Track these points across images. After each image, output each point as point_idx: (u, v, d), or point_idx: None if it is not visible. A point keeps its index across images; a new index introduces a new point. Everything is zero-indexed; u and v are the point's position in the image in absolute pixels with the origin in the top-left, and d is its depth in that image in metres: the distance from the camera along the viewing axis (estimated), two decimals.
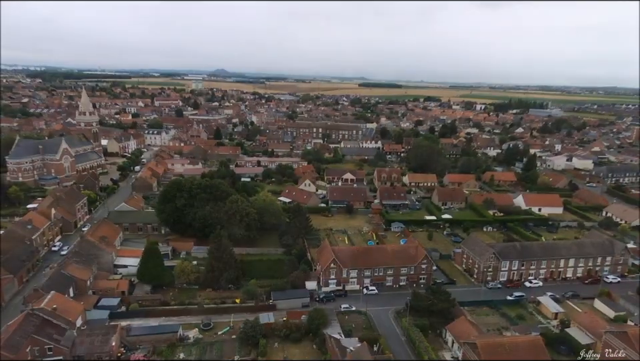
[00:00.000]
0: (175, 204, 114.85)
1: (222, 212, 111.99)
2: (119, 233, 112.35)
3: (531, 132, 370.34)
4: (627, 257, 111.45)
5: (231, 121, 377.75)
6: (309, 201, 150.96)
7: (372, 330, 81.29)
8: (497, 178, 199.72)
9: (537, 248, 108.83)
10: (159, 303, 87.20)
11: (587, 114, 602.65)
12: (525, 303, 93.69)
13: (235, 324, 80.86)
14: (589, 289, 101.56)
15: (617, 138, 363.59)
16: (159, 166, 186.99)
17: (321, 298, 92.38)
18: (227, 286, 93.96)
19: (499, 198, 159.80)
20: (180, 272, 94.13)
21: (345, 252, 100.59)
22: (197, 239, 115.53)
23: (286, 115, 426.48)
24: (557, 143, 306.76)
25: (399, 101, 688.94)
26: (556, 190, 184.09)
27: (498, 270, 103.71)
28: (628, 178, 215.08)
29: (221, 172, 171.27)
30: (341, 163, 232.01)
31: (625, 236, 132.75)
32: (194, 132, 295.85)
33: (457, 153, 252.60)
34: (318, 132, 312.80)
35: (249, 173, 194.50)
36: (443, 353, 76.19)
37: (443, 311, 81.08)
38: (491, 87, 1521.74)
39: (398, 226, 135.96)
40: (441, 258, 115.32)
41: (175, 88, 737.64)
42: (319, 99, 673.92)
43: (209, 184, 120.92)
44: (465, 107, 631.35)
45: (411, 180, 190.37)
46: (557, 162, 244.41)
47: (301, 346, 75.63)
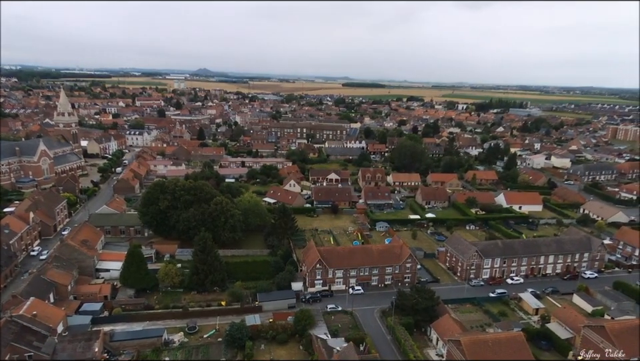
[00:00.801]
0: (158, 206, 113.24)
1: (206, 214, 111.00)
2: (100, 236, 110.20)
3: (511, 132, 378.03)
4: (603, 253, 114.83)
5: (215, 121, 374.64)
6: (294, 201, 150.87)
7: (358, 329, 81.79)
8: (479, 177, 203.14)
9: (518, 245, 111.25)
10: (143, 307, 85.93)
11: (565, 113, 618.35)
12: (507, 299, 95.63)
13: (220, 327, 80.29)
14: (567, 285, 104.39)
15: (593, 137, 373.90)
16: (141, 168, 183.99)
17: (307, 299, 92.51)
18: (212, 288, 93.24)
19: (481, 197, 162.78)
20: (164, 275, 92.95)
21: (330, 252, 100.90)
22: (181, 241, 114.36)
23: (270, 115, 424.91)
24: (536, 142, 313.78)
25: (383, 101, 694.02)
26: (536, 188, 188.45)
27: (480, 268, 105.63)
28: (604, 175, 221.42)
29: (205, 173, 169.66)
30: (325, 163, 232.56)
31: (601, 233, 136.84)
32: (177, 132, 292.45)
33: (440, 152, 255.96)
34: (302, 133, 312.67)
35: (233, 174, 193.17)
36: (428, 351, 77.28)
37: (427, 309, 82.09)
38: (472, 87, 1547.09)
39: (383, 225, 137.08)
40: (425, 256, 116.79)
41: (157, 88, 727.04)
42: (303, 99, 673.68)
43: (192, 186, 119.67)
44: (447, 107, 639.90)
45: (395, 180, 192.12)
46: (537, 161, 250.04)
47: (288, 347, 75.66)
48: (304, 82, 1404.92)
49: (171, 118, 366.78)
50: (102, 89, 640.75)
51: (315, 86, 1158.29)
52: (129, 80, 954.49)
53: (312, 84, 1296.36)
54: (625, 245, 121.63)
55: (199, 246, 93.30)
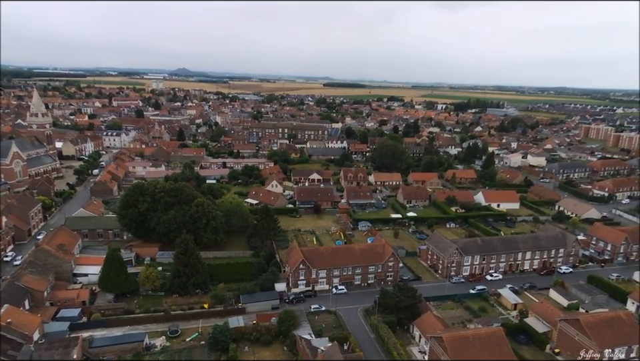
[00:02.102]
0: (138, 208, 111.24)
1: (187, 216, 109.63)
2: (77, 240, 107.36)
3: (489, 131, 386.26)
4: (578, 248, 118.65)
5: (195, 122, 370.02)
6: (276, 202, 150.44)
7: (342, 329, 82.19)
8: (458, 176, 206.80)
9: (497, 242, 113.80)
10: (123, 312, 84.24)
11: (540, 113, 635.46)
12: (487, 296, 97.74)
13: (203, 330, 79.50)
14: (544, 280, 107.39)
15: (567, 136, 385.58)
16: (119, 169, 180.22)
17: (290, 300, 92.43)
18: (195, 291, 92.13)
19: (461, 195, 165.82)
20: (144, 278, 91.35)
21: (313, 252, 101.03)
22: (161, 244, 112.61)
23: (251, 115, 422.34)
24: (513, 141, 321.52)
25: (364, 101, 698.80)
26: (513, 186, 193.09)
27: (461, 265, 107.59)
28: (577, 173, 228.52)
29: (185, 175, 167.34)
30: (307, 163, 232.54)
31: (575, 229, 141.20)
32: (156, 133, 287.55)
33: (420, 152, 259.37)
34: (284, 133, 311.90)
35: (215, 175, 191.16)
36: (411, 348, 78.30)
37: (409, 307, 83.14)
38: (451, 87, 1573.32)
39: (365, 225, 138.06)
40: (407, 255, 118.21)
41: (135, 88, 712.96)
42: (284, 99, 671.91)
43: (173, 187, 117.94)
44: (426, 107, 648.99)
45: (377, 180, 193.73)
46: (513, 160, 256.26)
47: (272, 349, 75.47)
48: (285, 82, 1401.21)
49: (150, 118, 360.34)
50: (77, 89, 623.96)
51: (296, 86, 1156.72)
52: (105, 80, 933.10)
53: (293, 84, 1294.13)
54: (597, 240, 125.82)
55: (180, 249, 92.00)
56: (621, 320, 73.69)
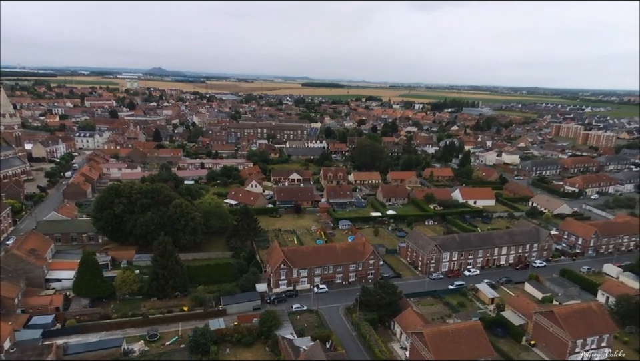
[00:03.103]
0: (113, 210, 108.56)
1: (165, 218, 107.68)
2: (50, 245, 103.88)
3: (465, 130, 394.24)
4: (550, 243, 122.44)
5: (171, 122, 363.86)
6: (256, 202, 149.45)
7: (324, 327, 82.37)
8: (436, 174, 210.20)
9: (474, 238, 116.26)
10: (99, 317, 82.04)
11: (513, 112, 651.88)
12: (465, 291, 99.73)
13: (183, 333, 78.26)
14: (519, 274, 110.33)
15: (539, 135, 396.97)
16: (93, 171, 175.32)
17: (272, 300, 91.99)
18: (174, 293, 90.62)
19: (439, 193, 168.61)
20: (121, 282, 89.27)
21: (294, 252, 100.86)
22: (138, 247, 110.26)
23: (229, 115, 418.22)
24: (488, 140, 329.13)
25: (342, 101, 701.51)
26: (488, 183, 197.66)
27: (440, 262, 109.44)
28: (549, 170, 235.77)
29: (162, 176, 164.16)
30: (286, 163, 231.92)
31: (548, 224, 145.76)
32: (131, 133, 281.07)
33: (399, 151, 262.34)
34: (263, 133, 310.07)
35: (193, 176, 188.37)
36: (392, 344, 79.20)
37: (390, 304, 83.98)
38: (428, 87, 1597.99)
39: (345, 223, 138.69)
40: (387, 253, 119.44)
41: (108, 88, 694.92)
42: (263, 99, 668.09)
43: (150, 189, 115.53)
44: (404, 106, 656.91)
45: (356, 179, 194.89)
46: (489, 158, 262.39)
47: (254, 350, 74.96)
48: (263, 81, 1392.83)
49: (124, 119, 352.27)
50: (47, 89, 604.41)
51: (274, 85, 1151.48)
52: (77, 80, 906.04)
53: (271, 83, 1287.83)
54: (569, 235, 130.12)
55: (158, 251, 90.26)
56: (592, 310, 76.44)
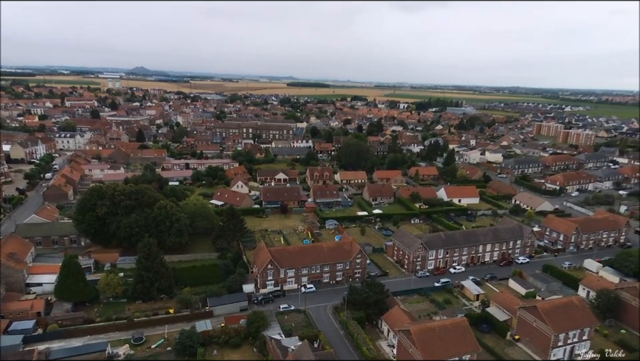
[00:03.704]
0: (96, 212, 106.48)
1: (150, 219, 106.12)
2: (30, 248, 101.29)
3: (449, 129, 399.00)
4: (533, 239, 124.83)
5: (155, 122, 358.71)
6: (242, 203, 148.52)
7: (311, 327, 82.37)
8: (421, 173, 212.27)
9: (459, 236, 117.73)
10: (82, 321, 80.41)
11: (495, 111, 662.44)
12: (451, 288, 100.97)
13: (169, 336, 77.27)
14: (503, 270, 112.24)
15: (521, 133, 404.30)
16: (74, 173, 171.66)
17: (259, 300, 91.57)
18: (159, 296, 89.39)
19: (424, 192, 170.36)
20: (105, 285, 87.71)
21: (281, 252, 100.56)
22: (122, 249, 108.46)
23: (214, 115, 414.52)
24: (472, 139, 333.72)
25: (328, 100, 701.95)
26: (472, 182, 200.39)
27: (426, 259, 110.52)
28: (531, 168, 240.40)
29: (146, 177, 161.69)
30: (272, 163, 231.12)
31: (530, 221, 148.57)
32: (113, 134, 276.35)
33: (384, 150, 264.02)
34: (248, 133, 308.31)
35: (177, 177, 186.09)
36: (380, 342, 79.66)
37: (377, 302, 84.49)
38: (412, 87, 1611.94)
39: (332, 223, 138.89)
40: (374, 251, 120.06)
41: (89, 87, 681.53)
42: (248, 99, 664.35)
43: (133, 190, 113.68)
44: (389, 106, 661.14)
45: (343, 178, 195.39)
46: (472, 156, 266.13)
47: (241, 351, 74.49)
48: (248, 81, 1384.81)
49: (106, 119, 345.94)
50: (25, 89, 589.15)
51: (260, 85, 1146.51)
52: (56, 79, 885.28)
53: (256, 83, 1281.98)
54: (551, 231, 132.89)
55: (143, 253, 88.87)
56: (573, 305, 78.23)
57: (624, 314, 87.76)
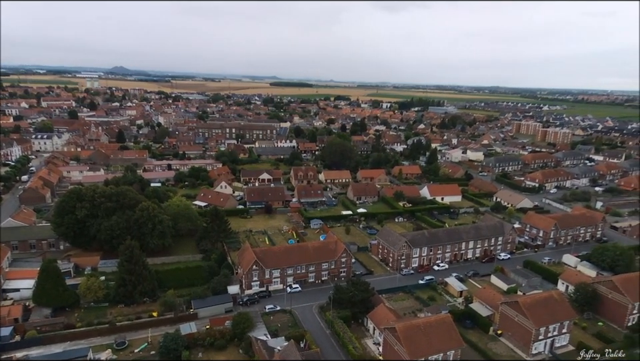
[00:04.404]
0: (75, 215, 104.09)
1: (131, 221, 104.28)
2: (6, 253, 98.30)
3: (431, 128, 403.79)
4: (514, 236, 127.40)
5: (135, 123, 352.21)
6: (225, 203, 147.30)
7: (297, 327, 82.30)
8: (405, 172, 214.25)
9: (442, 233, 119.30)
10: (62, 327, 78.46)
11: (476, 111, 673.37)
12: (435, 285, 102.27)
13: (153, 339, 76.14)
14: (486, 267, 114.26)
15: (501, 132, 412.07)
16: (52, 175, 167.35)
17: (244, 301, 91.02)
18: (142, 299, 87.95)
19: (408, 190, 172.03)
20: (86, 289, 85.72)
21: (266, 252, 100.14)
22: (103, 252, 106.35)
23: (196, 115, 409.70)
24: (454, 137, 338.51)
25: (311, 100, 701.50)
26: (455, 180, 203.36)
27: (410, 257, 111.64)
28: (511, 166, 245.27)
29: (128, 178, 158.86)
30: (256, 163, 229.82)
31: (511, 218, 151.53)
32: (92, 135, 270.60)
33: (368, 150, 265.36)
34: (231, 133, 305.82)
35: (159, 178, 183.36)
36: (366, 340, 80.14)
37: (363, 301, 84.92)
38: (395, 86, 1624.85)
39: (317, 222, 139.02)
40: (358, 250, 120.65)
41: (66, 87, 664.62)
42: (231, 98, 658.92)
43: (114, 192, 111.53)
44: (372, 106, 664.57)
45: (327, 178, 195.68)
46: (454, 155, 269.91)
47: (227, 353, 73.92)
48: (230, 81, 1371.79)
49: (85, 120, 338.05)
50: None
51: (242, 85, 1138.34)
52: (32, 79, 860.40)
53: (239, 83, 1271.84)
54: (531, 228, 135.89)
55: (124, 256, 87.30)
56: (553, 299, 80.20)
57: (601, 306, 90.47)
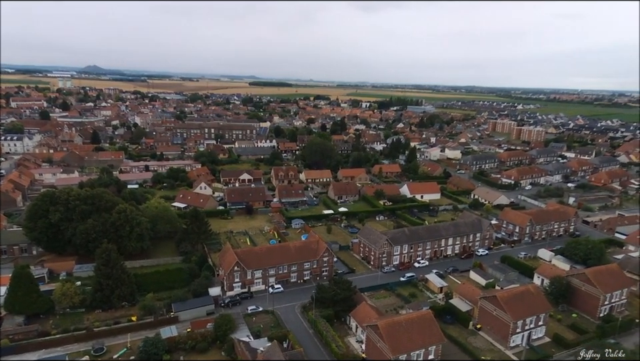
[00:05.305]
0: (49, 219, 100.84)
1: (108, 224, 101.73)
2: None
3: (410, 127, 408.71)
4: (491, 232, 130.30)
5: (111, 123, 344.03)
6: (205, 204, 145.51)
7: (280, 327, 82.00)
8: (385, 171, 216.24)
9: (422, 231, 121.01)
10: (37, 334, 75.94)
11: (453, 110, 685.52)
12: (416, 282, 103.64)
13: (133, 344, 74.46)
14: (465, 263, 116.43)
15: (478, 131, 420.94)
16: (23, 177, 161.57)
17: (226, 303, 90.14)
18: (120, 304, 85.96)
19: (388, 189, 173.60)
20: (61, 295, 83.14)
21: (248, 253, 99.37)
22: (79, 257, 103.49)
23: (174, 116, 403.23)
24: (432, 136, 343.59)
25: (291, 100, 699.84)
26: (434, 178, 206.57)
27: (391, 255, 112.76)
28: (488, 164, 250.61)
29: (103, 180, 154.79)
30: (236, 164, 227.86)
31: (489, 215, 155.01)
32: (65, 136, 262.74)
33: (348, 149, 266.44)
34: (210, 133, 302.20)
35: (137, 179, 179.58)
36: (349, 339, 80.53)
37: (345, 299, 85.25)
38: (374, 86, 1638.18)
39: (298, 222, 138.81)
40: (340, 249, 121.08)
41: (37, 87, 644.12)
42: (209, 98, 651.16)
43: (90, 194, 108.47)
44: (352, 105, 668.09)
45: (308, 177, 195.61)
46: (433, 153, 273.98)
47: (209, 355, 73.02)
48: (208, 80, 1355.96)
49: (57, 120, 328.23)
50: None
51: (221, 85, 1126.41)
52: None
53: (217, 82, 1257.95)
54: (507, 224, 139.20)
55: (101, 260, 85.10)
56: (529, 293, 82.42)
57: (575, 299, 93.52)
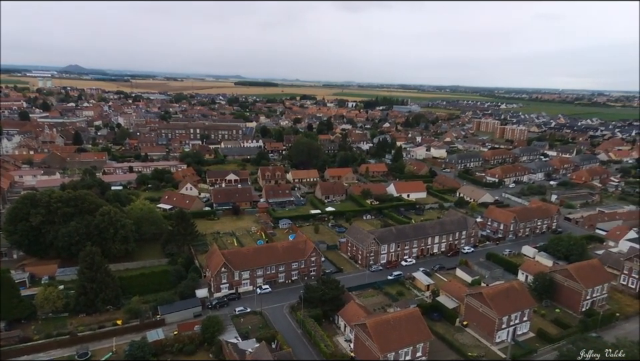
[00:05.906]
0: (30, 222, 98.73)
1: (92, 227, 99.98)
2: None
3: (396, 127, 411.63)
4: (477, 230, 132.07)
5: (93, 124, 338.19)
6: (192, 205, 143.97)
7: (268, 328, 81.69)
8: (371, 170, 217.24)
9: (409, 229, 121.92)
10: (18, 340, 74.20)
11: (438, 109, 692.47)
12: (403, 280, 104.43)
13: (118, 348, 73.36)
14: (451, 260, 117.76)
15: (463, 130, 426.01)
16: (2, 180, 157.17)
17: (213, 305, 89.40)
18: (105, 307, 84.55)
19: (374, 188, 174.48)
20: (43, 300, 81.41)
21: (235, 254, 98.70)
22: (61, 260, 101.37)
23: (158, 116, 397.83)
24: (418, 135, 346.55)
25: (277, 100, 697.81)
26: (420, 177, 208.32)
27: (379, 254, 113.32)
28: (473, 163, 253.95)
29: (86, 182, 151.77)
30: (222, 164, 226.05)
31: (474, 213, 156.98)
32: (46, 137, 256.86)
33: (335, 148, 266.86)
34: (196, 133, 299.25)
35: (121, 181, 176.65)
36: (337, 338, 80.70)
37: (333, 299, 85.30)
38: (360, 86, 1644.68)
39: (285, 222, 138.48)
40: (328, 248, 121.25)
41: (16, 87, 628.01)
42: (194, 98, 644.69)
43: (72, 196, 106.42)
44: (338, 105, 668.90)
45: (295, 177, 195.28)
46: (419, 153, 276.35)
47: (197, 357, 72.35)
48: (193, 80, 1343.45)
49: (38, 121, 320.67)
50: None
51: (206, 85, 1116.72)
52: None
53: (202, 82, 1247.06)
54: (492, 221, 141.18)
55: (85, 263, 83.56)
56: (514, 289, 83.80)
57: (558, 294, 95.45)
